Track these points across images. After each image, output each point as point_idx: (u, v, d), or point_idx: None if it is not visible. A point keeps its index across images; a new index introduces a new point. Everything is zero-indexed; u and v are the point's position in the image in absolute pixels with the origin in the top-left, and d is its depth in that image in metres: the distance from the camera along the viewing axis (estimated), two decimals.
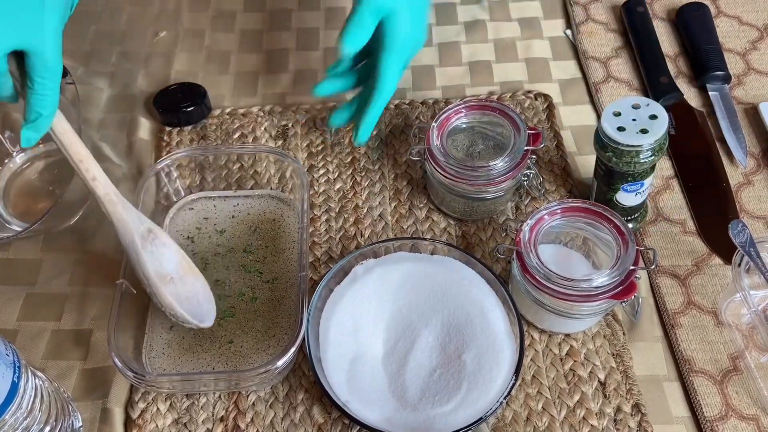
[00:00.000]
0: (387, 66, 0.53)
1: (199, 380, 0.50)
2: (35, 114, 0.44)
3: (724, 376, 0.52)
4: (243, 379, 0.49)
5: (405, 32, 0.52)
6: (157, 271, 0.50)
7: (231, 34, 0.77)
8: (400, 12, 0.51)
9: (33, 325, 0.56)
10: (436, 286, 0.52)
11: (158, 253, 0.51)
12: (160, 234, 0.52)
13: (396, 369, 0.50)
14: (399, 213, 0.62)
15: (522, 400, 0.51)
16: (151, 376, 0.49)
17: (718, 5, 0.76)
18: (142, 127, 0.68)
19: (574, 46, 0.74)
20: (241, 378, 0.49)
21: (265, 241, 0.59)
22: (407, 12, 0.51)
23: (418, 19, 0.53)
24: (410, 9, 0.52)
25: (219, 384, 0.50)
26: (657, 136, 0.51)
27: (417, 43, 0.55)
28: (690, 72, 0.71)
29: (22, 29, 0.42)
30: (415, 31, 0.53)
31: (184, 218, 0.61)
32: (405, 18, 0.51)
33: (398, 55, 0.53)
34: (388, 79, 0.54)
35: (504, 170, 0.56)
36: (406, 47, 0.53)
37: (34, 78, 0.43)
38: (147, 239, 0.50)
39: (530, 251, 0.49)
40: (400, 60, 0.53)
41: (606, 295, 0.48)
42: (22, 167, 0.65)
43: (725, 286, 0.56)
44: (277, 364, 0.47)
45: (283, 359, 0.47)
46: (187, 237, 0.59)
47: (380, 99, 0.55)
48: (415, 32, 0.53)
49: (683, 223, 0.60)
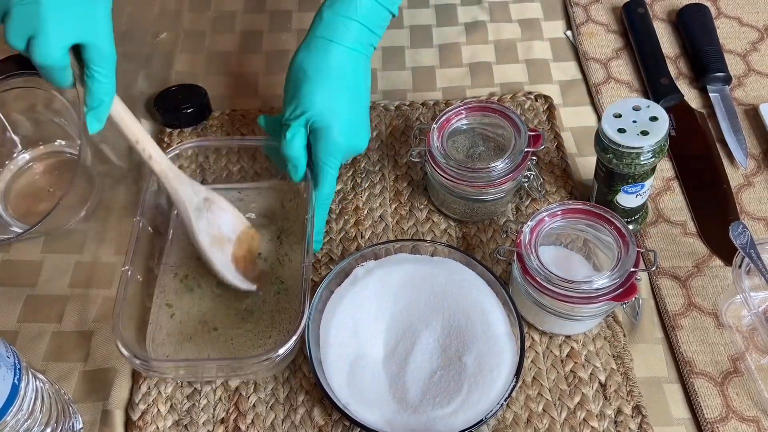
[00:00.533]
0: (323, 172, 0.55)
1: (201, 366, 0.51)
2: (98, 101, 0.48)
3: (725, 377, 0.52)
4: (245, 366, 0.49)
5: (336, 144, 0.54)
6: (214, 236, 0.54)
7: (231, 35, 0.77)
8: (327, 128, 0.53)
9: (33, 327, 0.56)
10: (436, 288, 0.52)
11: (215, 218, 0.55)
12: (217, 200, 0.55)
13: (396, 371, 0.50)
14: (399, 214, 0.62)
15: (522, 402, 0.51)
16: (155, 362, 0.49)
17: (718, 6, 0.76)
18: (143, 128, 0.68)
19: (574, 47, 0.74)
20: (243, 365, 0.49)
21: (270, 232, 0.59)
22: (335, 127, 0.53)
23: (348, 130, 0.55)
24: (338, 123, 0.54)
25: (222, 370, 0.50)
26: (657, 138, 0.51)
27: (353, 151, 0.57)
28: (690, 73, 0.71)
29: (80, 24, 0.45)
30: (349, 140, 0.55)
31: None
32: (333, 132, 0.54)
33: (331, 163, 0.55)
34: (326, 183, 0.56)
35: (504, 172, 0.56)
36: (338, 155, 0.55)
37: (93, 68, 0.47)
38: (203, 208, 0.54)
39: (531, 253, 0.49)
40: (334, 165, 0.55)
41: (606, 297, 0.48)
42: (23, 169, 0.65)
43: (726, 287, 0.56)
44: (279, 351, 0.47)
45: (285, 347, 0.47)
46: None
47: (321, 199, 0.56)
48: (348, 142, 0.55)
49: (684, 224, 0.60)
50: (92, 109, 0.48)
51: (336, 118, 0.54)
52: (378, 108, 0.69)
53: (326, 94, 0.53)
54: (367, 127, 0.57)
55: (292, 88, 0.54)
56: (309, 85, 0.53)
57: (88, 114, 0.49)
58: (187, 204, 0.54)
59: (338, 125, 0.54)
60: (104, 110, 0.49)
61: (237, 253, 0.56)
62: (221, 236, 0.55)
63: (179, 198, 0.54)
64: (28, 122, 0.64)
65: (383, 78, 0.72)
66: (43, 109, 0.63)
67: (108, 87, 0.48)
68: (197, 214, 0.54)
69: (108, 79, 0.48)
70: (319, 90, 0.53)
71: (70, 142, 0.65)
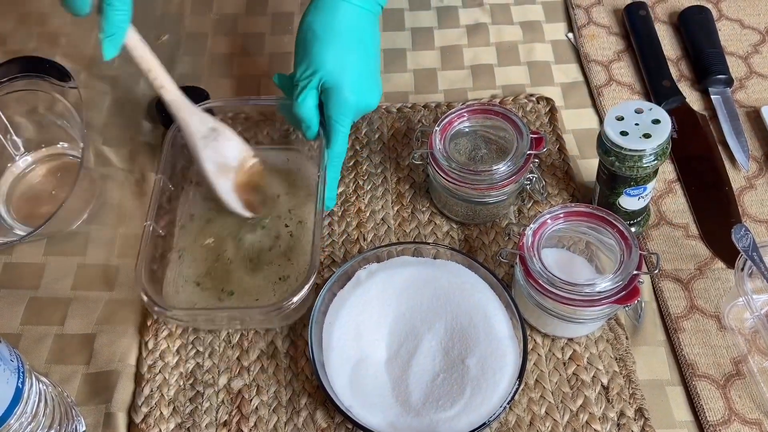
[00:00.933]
0: (334, 130, 0.57)
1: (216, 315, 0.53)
2: (115, 27, 0.50)
3: (727, 380, 0.52)
4: (259, 314, 0.51)
5: (347, 102, 0.55)
6: (220, 163, 0.57)
7: (233, 37, 0.77)
8: (338, 86, 0.55)
9: (36, 330, 0.56)
10: (439, 291, 0.52)
11: (221, 146, 0.57)
12: (223, 130, 0.58)
13: (399, 373, 0.50)
14: (401, 217, 0.62)
15: (525, 405, 0.51)
16: (176, 310, 0.52)
17: (720, 8, 0.76)
18: (145, 131, 0.68)
19: (575, 49, 0.74)
20: (257, 314, 0.52)
21: (284, 188, 0.61)
22: (346, 85, 0.55)
23: (359, 88, 0.56)
24: (349, 81, 0.55)
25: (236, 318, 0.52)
26: (660, 141, 0.51)
27: (364, 108, 0.58)
28: (692, 75, 0.71)
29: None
30: (360, 98, 0.56)
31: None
32: (344, 90, 0.55)
33: (342, 121, 0.56)
34: (338, 141, 0.57)
35: (506, 174, 0.56)
36: (350, 113, 0.56)
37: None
38: (209, 137, 0.57)
39: (533, 255, 0.50)
40: (345, 123, 0.56)
41: (609, 300, 0.48)
42: (25, 171, 0.65)
43: (728, 290, 0.56)
44: (293, 300, 0.49)
45: (298, 296, 0.49)
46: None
47: (333, 157, 0.58)
48: (359, 100, 0.56)
49: (686, 227, 0.60)
50: (109, 36, 0.50)
51: (346, 76, 0.54)
52: (380, 110, 0.69)
53: (336, 53, 0.54)
54: (377, 85, 0.58)
55: (302, 48, 0.55)
56: (319, 45, 0.54)
57: (104, 41, 0.50)
58: (195, 133, 0.56)
59: (349, 83, 0.55)
60: (120, 37, 0.51)
61: (240, 180, 0.58)
62: (226, 164, 0.57)
63: (187, 127, 0.56)
64: (30, 125, 0.64)
65: (385, 80, 0.71)
66: (46, 111, 0.63)
67: (124, 15, 0.50)
68: (203, 143, 0.56)
69: (125, 7, 0.50)
70: (329, 49, 0.54)
71: (72, 144, 0.65)
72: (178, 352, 0.54)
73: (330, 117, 0.56)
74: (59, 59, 0.73)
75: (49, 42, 0.76)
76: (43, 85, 0.62)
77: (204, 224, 0.60)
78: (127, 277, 0.58)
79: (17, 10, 0.79)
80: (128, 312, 0.56)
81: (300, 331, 0.55)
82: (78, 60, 0.74)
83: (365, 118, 0.68)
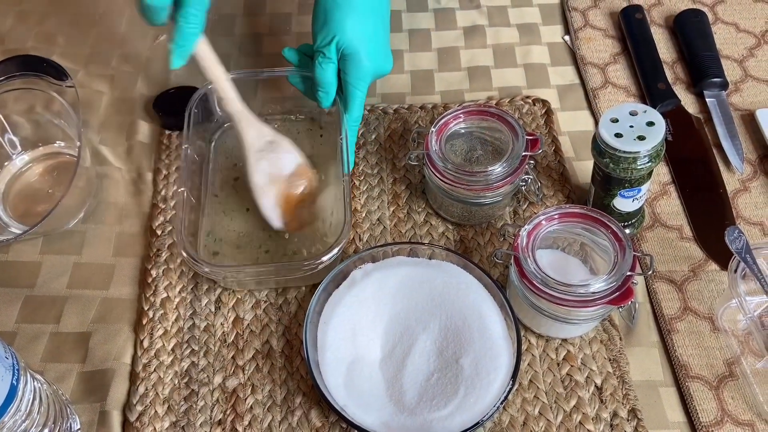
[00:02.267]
0: (352, 95, 0.59)
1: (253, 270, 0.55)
2: (185, 39, 0.52)
3: (720, 381, 0.52)
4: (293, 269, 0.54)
5: (364, 68, 0.58)
6: (272, 174, 0.59)
7: (231, 37, 0.77)
8: (356, 53, 0.57)
9: (32, 328, 0.56)
10: (434, 291, 0.53)
11: (276, 158, 0.59)
12: (282, 143, 0.60)
13: (394, 373, 0.50)
14: (397, 217, 0.62)
15: (519, 405, 0.51)
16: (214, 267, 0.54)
17: (715, 12, 0.76)
18: (142, 131, 0.68)
19: (572, 51, 0.75)
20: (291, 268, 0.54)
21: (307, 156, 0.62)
22: (363, 51, 0.57)
23: (375, 54, 0.59)
24: (366, 47, 0.58)
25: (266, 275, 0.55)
26: (654, 143, 0.51)
27: (379, 74, 0.61)
28: (687, 78, 0.71)
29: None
30: (376, 64, 0.59)
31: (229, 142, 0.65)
32: (361, 56, 0.58)
33: (360, 86, 0.59)
34: (356, 106, 0.60)
35: (502, 175, 0.56)
36: (367, 78, 0.59)
37: (187, 8, 0.51)
38: (266, 150, 0.59)
39: (528, 256, 0.50)
40: (363, 88, 0.59)
41: (603, 301, 0.48)
42: (22, 170, 0.65)
43: (721, 291, 0.56)
44: (323, 259, 0.52)
45: (330, 254, 0.52)
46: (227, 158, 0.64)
47: (351, 122, 0.60)
48: (375, 65, 0.59)
49: (680, 228, 0.60)
50: (179, 47, 0.53)
51: (364, 43, 0.57)
52: (376, 111, 0.69)
53: (355, 21, 0.57)
54: (390, 53, 0.61)
55: (322, 15, 0.58)
56: (339, 13, 0.57)
57: (174, 51, 0.53)
58: (249, 146, 0.58)
59: (366, 50, 0.57)
60: (188, 49, 0.53)
61: (287, 193, 0.59)
62: (279, 175, 0.59)
63: (243, 139, 0.59)
64: (27, 123, 0.64)
65: (382, 81, 0.72)
66: (43, 110, 0.64)
67: (196, 28, 0.53)
68: (257, 156, 0.58)
69: (198, 20, 0.52)
70: (349, 17, 0.57)
71: (69, 143, 0.65)
72: (173, 350, 0.54)
73: (348, 83, 0.58)
74: (57, 58, 0.73)
75: (47, 41, 0.76)
76: (40, 84, 0.62)
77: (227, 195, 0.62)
78: (122, 275, 0.59)
79: (15, 8, 0.79)
80: (123, 310, 0.56)
81: (295, 331, 0.55)
82: (76, 59, 0.74)
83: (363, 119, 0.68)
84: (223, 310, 0.56)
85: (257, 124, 0.59)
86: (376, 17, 0.59)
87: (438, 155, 0.57)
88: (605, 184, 0.55)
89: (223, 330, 0.55)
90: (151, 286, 0.57)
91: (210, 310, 0.56)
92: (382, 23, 0.60)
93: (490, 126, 0.59)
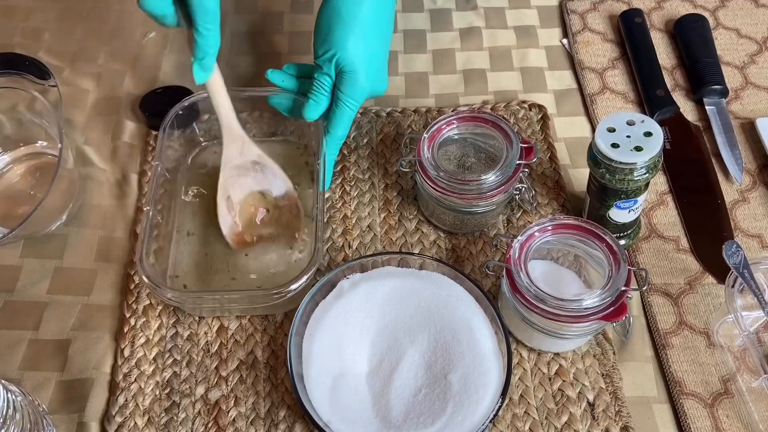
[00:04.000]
0: (342, 113, 0.58)
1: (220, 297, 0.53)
2: (203, 52, 0.52)
3: (715, 399, 0.51)
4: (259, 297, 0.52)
5: (360, 87, 0.57)
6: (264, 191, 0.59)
7: (221, 36, 0.75)
8: (354, 72, 0.56)
9: (10, 334, 0.54)
10: (423, 303, 0.51)
11: (265, 180, 0.59)
12: (269, 165, 0.59)
13: (380, 388, 0.49)
14: (388, 224, 0.60)
15: (509, 421, 0.50)
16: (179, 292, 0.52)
17: (716, 17, 0.75)
18: (128, 131, 0.66)
19: (570, 55, 0.73)
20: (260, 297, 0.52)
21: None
22: (361, 71, 0.56)
23: (373, 75, 0.58)
24: (365, 67, 0.57)
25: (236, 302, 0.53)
26: (651, 154, 0.50)
27: (374, 94, 0.60)
28: (687, 85, 0.69)
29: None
30: (373, 84, 0.58)
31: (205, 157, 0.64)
32: (359, 75, 0.56)
33: (352, 105, 0.58)
34: (343, 124, 0.58)
35: (495, 184, 0.54)
36: (361, 97, 0.58)
37: (198, 22, 0.50)
38: (250, 169, 0.58)
39: (520, 269, 0.48)
40: (354, 107, 0.58)
41: (596, 316, 0.47)
42: (3, 170, 0.63)
43: (718, 306, 0.55)
44: (291, 287, 0.50)
45: (298, 283, 0.50)
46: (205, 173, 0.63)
47: (335, 140, 0.59)
48: (372, 86, 0.58)
49: (677, 240, 0.59)
50: (198, 60, 0.53)
51: (364, 63, 0.56)
52: (369, 114, 0.68)
53: (358, 39, 0.56)
54: (386, 72, 0.61)
55: (325, 29, 0.57)
56: (342, 29, 0.56)
57: (195, 64, 0.53)
58: (225, 159, 0.58)
59: (365, 70, 0.57)
60: (210, 61, 0.53)
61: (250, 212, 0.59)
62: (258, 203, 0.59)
63: (223, 151, 0.58)
64: (8, 123, 0.63)
65: None
66: (25, 109, 0.62)
67: (212, 39, 0.52)
68: (231, 171, 0.58)
69: (212, 33, 0.51)
70: (352, 34, 0.56)
71: (51, 143, 0.64)
72: (154, 360, 0.53)
73: (341, 100, 0.57)
74: (43, 54, 0.72)
75: (32, 37, 0.74)
76: (22, 83, 0.60)
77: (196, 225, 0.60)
78: (104, 281, 0.57)
79: (1, 3, 0.78)
80: (104, 317, 0.55)
81: (281, 341, 0.54)
82: (62, 56, 0.72)
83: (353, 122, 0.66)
84: (207, 318, 0.55)
85: (244, 141, 0.58)
86: (379, 37, 0.58)
87: (430, 163, 0.55)
88: (601, 195, 0.54)
89: (206, 339, 0.54)
90: (133, 292, 0.56)
91: (194, 319, 0.55)
92: (383, 43, 0.59)
93: (485, 132, 0.58)
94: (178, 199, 0.60)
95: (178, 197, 0.60)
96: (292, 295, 0.51)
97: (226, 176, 0.58)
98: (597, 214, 0.56)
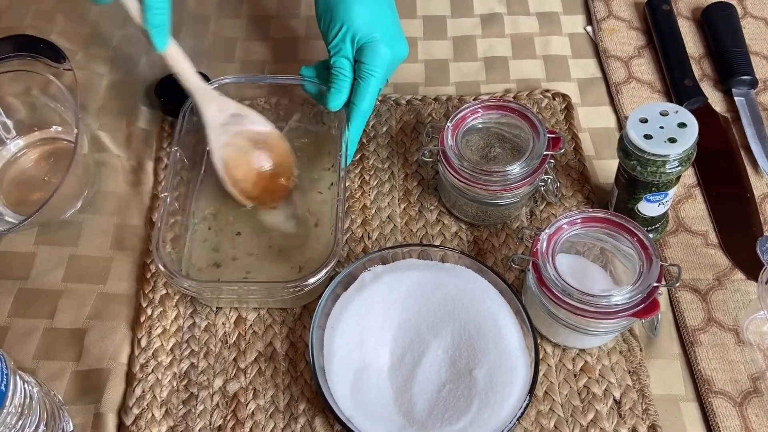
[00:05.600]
0: (366, 83, 0.56)
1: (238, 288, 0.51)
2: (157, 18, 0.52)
3: (744, 397, 0.49)
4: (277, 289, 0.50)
5: (383, 54, 0.55)
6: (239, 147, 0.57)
7: (237, 20, 0.74)
8: (372, 40, 0.55)
9: (24, 322, 0.53)
10: (446, 296, 0.50)
11: (242, 131, 0.57)
12: (248, 114, 0.57)
13: (403, 383, 0.48)
14: (408, 215, 0.59)
15: (533, 418, 0.49)
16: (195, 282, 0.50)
17: (744, 6, 0.73)
18: (143, 116, 0.65)
19: (594, 43, 0.71)
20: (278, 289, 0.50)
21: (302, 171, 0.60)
22: (378, 36, 0.55)
23: (391, 39, 0.56)
24: (380, 32, 0.55)
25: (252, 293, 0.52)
26: (686, 146, 0.48)
27: (397, 60, 0.58)
28: (715, 75, 0.68)
29: None
30: (394, 50, 0.56)
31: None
32: (378, 42, 0.55)
33: (377, 72, 0.56)
34: (368, 98, 0.56)
35: (521, 176, 0.53)
36: (384, 64, 0.56)
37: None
38: (230, 123, 0.57)
39: (548, 262, 0.47)
40: (379, 75, 0.56)
41: (626, 313, 0.46)
42: (17, 155, 0.62)
43: (748, 302, 0.53)
44: (309, 281, 0.49)
45: (317, 276, 0.49)
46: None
47: (360, 114, 0.57)
48: (393, 51, 0.56)
49: (705, 234, 0.57)
50: (154, 27, 0.52)
51: (378, 28, 0.55)
52: (388, 102, 0.66)
53: (364, 7, 0.55)
54: (403, 34, 0.59)
55: (328, 14, 0.56)
56: (343, 4, 0.54)
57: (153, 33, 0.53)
58: (210, 122, 0.56)
59: (381, 35, 0.55)
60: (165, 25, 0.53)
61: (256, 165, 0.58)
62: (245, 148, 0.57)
63: (203, 115, 0.56)
64: (22, 107, 0.61)
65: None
66: (39, 93, 0.60)
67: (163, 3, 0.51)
68: (219, 130, 0.56)
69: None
70: (356, 4, 0.54)
71: (66, 128, 0.62)
72: (172, 351, 0.52)
73: (365, 73, 0.55)
74: (55, 38, 0.70)
75: (45, 19, 0.73)
76: (37, 66, 0.59)
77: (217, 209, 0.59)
78: (120, 269, 0.56)
79: None
80: (121, 307, 0.54)
81: (300, 333, 0.53)
82: (75, 39, 0.71)
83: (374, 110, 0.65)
84: (224, 309, 0.54)
85: (217, 97, 0.57)
86: (387, 2, 0.57)
87: (454, 152, 0.54)
88: (630, 187, 0.52)
89: (224, 330, 0.53)
90: (150, 281, 0.55)
91: (211, 309, 0.54)
92: (388, 6, 0.57)
93: (510, 122, 0.56)
94: (195, 186, 0.59)
95: (195, 184, 0.59)
96: (310, 288, 0.49)
97: (214, 137, 0.56)
98: (625, 206, 0.54)
